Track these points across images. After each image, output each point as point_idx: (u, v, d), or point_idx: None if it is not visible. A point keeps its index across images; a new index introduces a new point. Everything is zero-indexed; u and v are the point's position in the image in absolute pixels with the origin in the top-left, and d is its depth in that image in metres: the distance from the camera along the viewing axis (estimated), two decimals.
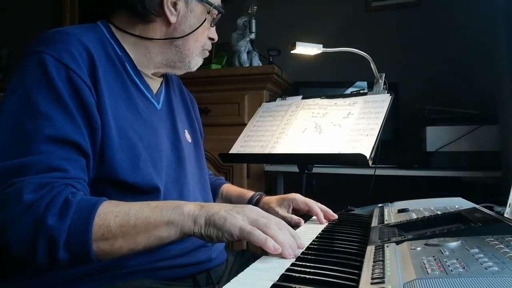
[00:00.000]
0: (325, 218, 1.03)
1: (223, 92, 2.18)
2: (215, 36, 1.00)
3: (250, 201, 1.15)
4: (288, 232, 0.70)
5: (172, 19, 0.89)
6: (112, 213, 0.67)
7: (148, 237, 0.68)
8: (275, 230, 0.67)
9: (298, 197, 1.09)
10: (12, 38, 3.14)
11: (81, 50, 0.77)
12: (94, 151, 0.76)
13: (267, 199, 1.14)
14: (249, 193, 1.17)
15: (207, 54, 1.00)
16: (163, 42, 0.91)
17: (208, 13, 0.93)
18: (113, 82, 0.82)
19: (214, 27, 1.00)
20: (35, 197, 0.64)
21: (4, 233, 0.63)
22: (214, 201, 1.19)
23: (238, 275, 0.58)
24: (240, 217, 0.68)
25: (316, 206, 1.05)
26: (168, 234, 0.69)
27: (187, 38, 0.92)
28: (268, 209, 1.09)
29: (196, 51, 0.95)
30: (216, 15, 0.96)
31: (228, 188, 1.22)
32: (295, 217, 1.05)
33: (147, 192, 0.81)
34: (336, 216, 1.05)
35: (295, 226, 1.02)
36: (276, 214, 1.06)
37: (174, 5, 0.89)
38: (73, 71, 0.74)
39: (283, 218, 1.03)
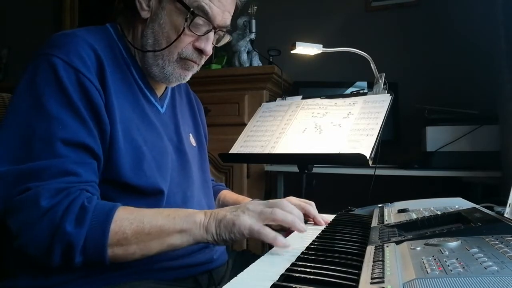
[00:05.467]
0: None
1: (223, 92, 2.18)
2: (203, 46, 0.86)
3: None
4: (295, 210, 0.76)
5: (144, 14, 0.85)
6: (127, 220, 0.69)
7: (161, 244, 0.70)
8: (282, 214, 0.72)
9: (293, 200, 1.06)
10: (12, 38, 3.15)
11: (90, 53, 0.77)
12: (104, 153, 0.76)
13: None
14: (245, 200, 1.16)
15: (193, 66, 0.89)
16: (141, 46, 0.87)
17: (186, 20, 0.83)
18: (120, 84, 0.82)
19: (208, 37, 0.87)
20: (52, 202, 0.65)
21: (20, 237, 0.65)
22: None
23: (238, 275, 0.58)
24: (247, 216, 0.71)
25: (312, 209, 1.02)
26: (181, 241, 0.71)
27: (156, 38, 0.85)
28: None
29: (170, 56, 0.86)
30: (198, 20, 0.84)
31: (226, 194, 1.22)
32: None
33: (151, 195, 0.81)
34: (323, 223, 1.01)
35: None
36: None
37: (148, 0, 0.85)
38: (83, 74, 0.74)
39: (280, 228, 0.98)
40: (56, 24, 3.10)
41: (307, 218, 1.03)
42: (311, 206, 1.03)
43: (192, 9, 0.83)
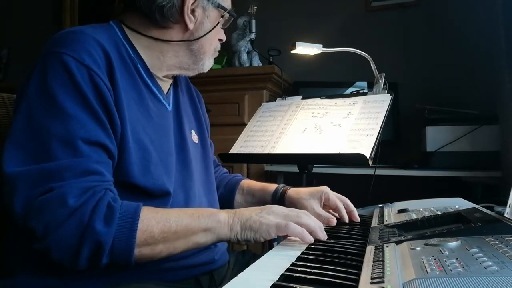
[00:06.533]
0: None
1: (223, 92, 2.18)
2: (224, 37, 1.00)
3: (274, 194, 1.10)
4: (315, 219, 0.80)
5: (191, 26, 0.88)
6: (154, 219, 0.70)
7: (187, 242, 0.72)
8: (306, 219, 0.77)
9: (330, 193, 1.02)
10: (12, 38, 3.14)
11: (99, 50, 0.76)
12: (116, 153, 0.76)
13: (295, 190, 1.08)
14: (272, 186, 1.13)
15: (217, 54, 1.00)
16: (178, 45, 0.90)
17: (222, 16, 0.94)
18: (126, 83, 0.81)
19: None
20: (80, 201, 0.65)
21: (46, 238, 0.64)
22: (234, 198, 1.16)
23: (238, 275, 0.58)
24: (273, 217, 0.75)
25: (344, 211, 0.99)
26: (205, 240, 0.74)
27: (202, 41, 0.92)
28: (297, 200, 1.04)
29: (209, 53, 0.95)
30: (228, 18, 0.96)
31: (249, 183, 1.19)
32: (326, 215, 0.96)
33: (158, 196, 0.81)
34: (359, 219, 0.99)
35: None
36: (309, 208, 0.99)
37: (193, 12, 0.88)
38: (95, 72, 0.73)
39: (318, 215, 0.93)
40: (56, 24, 3.10)
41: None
42: (343, 208, 1.00)
43: (228, 10, 0.94)
